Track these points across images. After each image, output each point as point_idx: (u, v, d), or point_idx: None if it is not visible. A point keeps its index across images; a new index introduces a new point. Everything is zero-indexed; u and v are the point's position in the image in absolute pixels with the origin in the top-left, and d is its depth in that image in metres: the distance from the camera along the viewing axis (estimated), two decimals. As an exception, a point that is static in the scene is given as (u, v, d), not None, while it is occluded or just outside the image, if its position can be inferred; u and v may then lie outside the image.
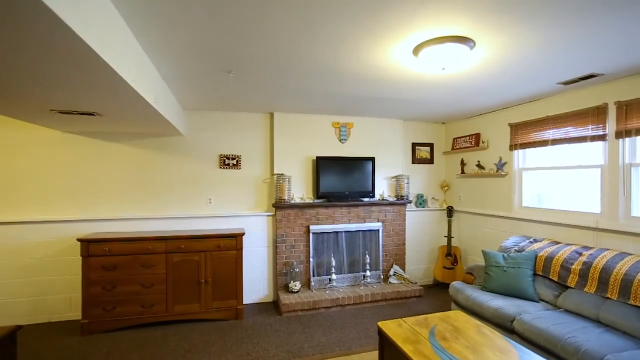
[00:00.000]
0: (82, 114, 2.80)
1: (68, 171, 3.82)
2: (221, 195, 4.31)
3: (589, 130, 3.22)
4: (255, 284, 4.40)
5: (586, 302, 2.79)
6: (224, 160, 4.31)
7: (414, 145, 5.10)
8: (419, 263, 5.11)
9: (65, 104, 2.49)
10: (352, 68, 2.69)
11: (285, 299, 4.02)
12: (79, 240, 3.40)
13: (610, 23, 1.94)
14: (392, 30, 1.99)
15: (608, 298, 2.68)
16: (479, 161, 4.58)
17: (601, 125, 3.12)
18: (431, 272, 5.16)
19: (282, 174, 4.31)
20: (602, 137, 3.11)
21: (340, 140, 4.64)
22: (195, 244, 3.72)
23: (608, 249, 2.96)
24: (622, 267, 2.66)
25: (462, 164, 4.86)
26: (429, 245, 5.16)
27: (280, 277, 4.36)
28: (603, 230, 3.13)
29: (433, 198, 5.21)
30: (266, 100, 3.75)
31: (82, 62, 1.62)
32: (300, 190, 4.50)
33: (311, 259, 4.42)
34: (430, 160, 5.19)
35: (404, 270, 4.80)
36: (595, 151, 3.24)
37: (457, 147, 4.92)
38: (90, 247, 3.43)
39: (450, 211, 4.93)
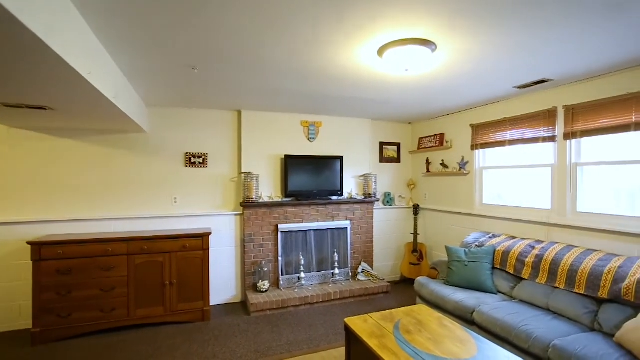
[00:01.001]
0: (31, 107, 2.62)
1: (16, 169, 3.56)
2: (187, 195, 4.19)
3: (541, 132, 3.43)
4: (223, 284, 4.32)
5: (538, 292, 2.97)
6: (190, 159, 4.19)
7: (381, 144, 5.21)
8: (386, 260, 5.23)
9: (10, 97, 2.32)
10: (318, 67, 2.71)
11: (254, 298, 3.98)
12: (29, 243, 3.18)
13: (558, 33, 2.08)
14: (356, 30, 2.02)
15: (556, 288, 2.88)
16: (443, 160, 4.75)
17: (551, 128, 3.33)
18: (398, 269, 5.30)
19: (250, 172, 4.26)
20: (552, 139, 3.33)
21: (309, 139, 4.65)
22: (160, 245, 3.59)
23: (557, 243, 3.17)
24: (569, 259, 2.86)
25: (428, 163, 5.02)
26: (396, 243, 5.29)
27: (249, 277, 4.31)
28: (553, 225, 3.35)
29: (400, 196, 5.35)
30: (233, 97, 3.69)
31: (24, 49, 1.51)
32: (268, 189, 4.47)
33: (280, 258, 4.41)
34: (397, 160, 5.32)
35: (372, 267, 4.90)
36: (546, 151, 3.46)
37: (423, 146, 5.08)
38: (42, 250, 3.22)
39: (416, 209, 5.08)
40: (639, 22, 1.95)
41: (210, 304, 4.12)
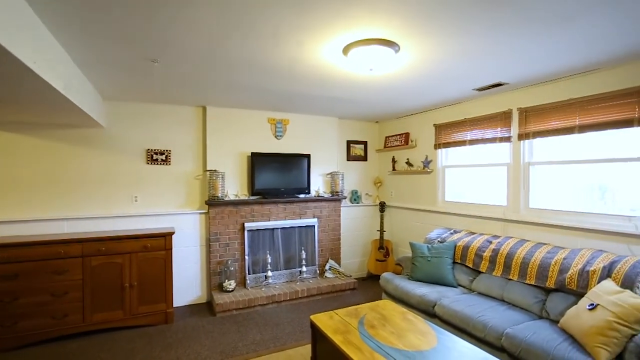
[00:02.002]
0: (-30, 99, 2.41)
1: (-45, 166, 3.26)
2: (149, 193, 4.03)
3: (498, 133, 3.61)
4: (188, 285, 4.20)
5: (494, 285, 3.14)
6: (152, 156, 4.03)
7: (348, 142, 5.27)
8: (353, 257, 5.31)
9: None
10: (284, 64, 2.69)
11: (219, 298, 3.90)
12: (-31, 246, 2.93)
13: (512, 40, 2.19)
14: (320, 28, 2.03)
15: (510, 279, 3.05)
16: (408, 159, 4.89)
17: (507, 129, 3.52)
18: (365, 265, 5.39)
19: (215, 170, 4.16)
20: (507, 139, 3.52)
21: (276, 137, 4.61)
22: (118, 246, 3.43)
23: (512, 237, 3.36)
24: (522, 252, 3.04)
25: (394, 161, 5.14)
26: (363, 240, 5.38)
27: (215, 277, 4.22)
28: (509, 221, 3.54)
29: (367, 194, 5.44)
30: (197, 93, 3.58)
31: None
32: (235, 187, 4.39)
33: (247, 257, 4.35)
34: (364, 158, 5.41)
35: (339, 264, 4.95)
36: (503, 151, 3.65)
37: (389, 145, 5.20)
38: (-16, 253, 2.97)
39: (382, 206, 5.19)
40: (584, 32, 2.10)
41: (174, 306, 4.01)
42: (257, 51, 2.39)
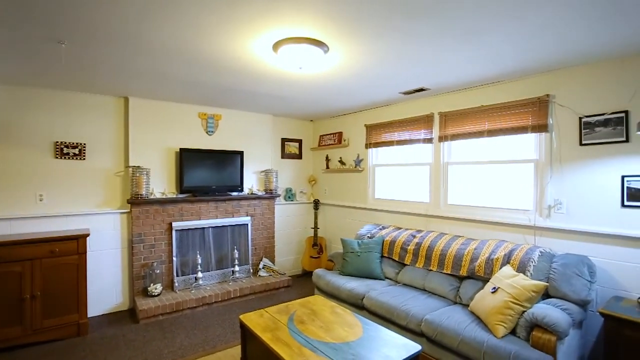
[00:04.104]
0: None
1: None
2: (58, 191, 3.59)
3: (421, 134, 3.89)
4: (106, 291, 3.83)
5: (417, 276, 3.38)
6: (62, 149, 3.60)
7: (283, 140, 5.26)
8: (288, 254, 5.32)
9: None
10: (214, 56, 2.59)
11: (143, 304, 3.64)
12: None
13: (432, 49, 2.38)
14: (249, 22, 1.99)
15: (431, 270, 3.32)
16: (341, 157, 5.03)
17: (430, 131, 3.81)
18: (300, 263, 5.44)
19: (139, 166, 3.86)
20: (430, 140, 3.81)
21: (207, 132, 4.43)
22: (16, 252, 3.00)
23: (433, 231, 3.65)
24: (440, 245, 3.32)
25: (327, 159, 5.26)
26: (297, 237, 5.42)
27: (138, 281, 3.92)
28: (430, 216, 3.84)
29: (301, 192, 5.49)
30: (117, 81, 3.28)
31: None
32: (161, 185, 4.11)
33: (174, 258, 4.11)
34: (299, 156, 5.44)
35: (273, 262, 4.92)
36: (426, 151, 3.94)
37: (323, 144, 5.30)
38: None
39: (316, 204, 5.28)
40: (489, 47, 2.35)
41: (89, 316, 3.65)
42: (185, 40, 2.26)
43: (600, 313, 2.24)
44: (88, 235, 3.35)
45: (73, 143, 3.66)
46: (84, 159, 3.72)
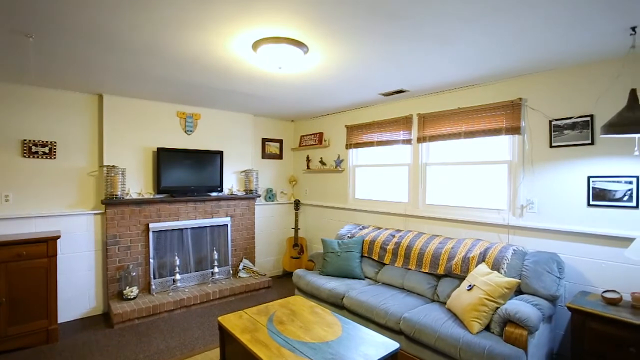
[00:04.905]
0: None
1: None
2: (26, 192, 3.43)
3: (400, 135, 3.96)
4: (79, 295, 3.69)
5: (396, 275, 3.43)
6: (30, 147, 3.44)
7: (264, 140, 5.23)
8: (268, 255, 5.29)
9: None
10: (191, 54, 2.54)
11: (118, 308, 3.53)
12: None
13: (410, 52, 2.42)
14: (227, 21, 1.97)
15: (410, 269, 3.37)
16: (321, 158, 5.04)
17: (409, 132, 3.88)
18: (280, 263, 5.41)
19: (114, 166, 3.74)
20: (409, 141, 3.88)
21: (186, 132, 4.34)
22: (-19, 255, 2.86)
23: (411, 231, 3.71)
24: (419, 244, 3.38)
25: (308, 160, 5.26)
26: (278, 238, 5.40)
27: (113, 284, 3.80)
28: (409, 216, 3.91)
29: (282, 192, 5.47)
30: (91, 78, 3.17)
31: None
32: (137, 185, 4.00)
33: (151, 260, 4.01)
34: (279, 156, 5.42)
35: (254, 263, 4.88)
36: (405, 152, 4.00)
37: (304, 144, 5.30)
38: None
39: (297, 204, 5.27)
40: (462, 53, 2.42)
41: (60, 322, 3.51)
42: (156, 36, 2.21)
43: (568, 307, 2.35)
44: (59, 237, 3.22)
45: (43, 141, 3.51)
46: (55, 158, 3.58)
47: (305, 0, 1.73)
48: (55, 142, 3.57)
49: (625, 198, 2.46)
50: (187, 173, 4.23)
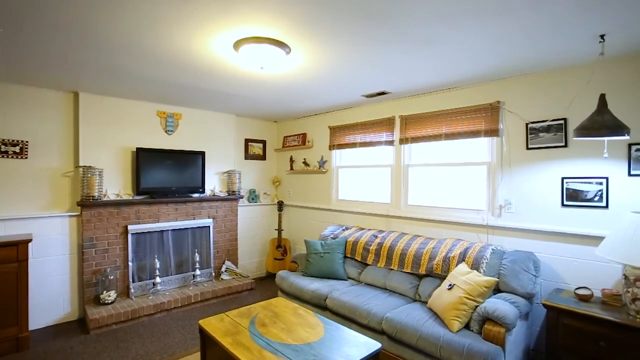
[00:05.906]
0: None
1: None
2: (-5, 193, 3.29)
3: (383, 137, 3.99)
4: (52, 301, 3.56)
5: (378, 275, 3.45)
6: (0, 147, 3.30)
7: (247, 141, 5.18)
8: (251, 257, 5.23)
9: None
10: (171, 52, 2.49)
11: (95, 313, 3.42)
12: None
13: (391, 54, 2.44)
14: (209, 19, 1.94)
15: (392, 269, 3.40)
16: (305, 159, 5.04)
17: (391, 133, 3.92)
18: (264, 265, 5.37)
19: (90, 166, 3.63)
20: (391, 143, 3.92)
21: (166, 132, 4.25)
22: (-55, 260, 2.71)
23: (394, 231, 3.75)
24: (401, 244, 3.42)
25: (291, 160, 5.25)
26: (261, 239, 5.35)
27: (89, 289, 3.67)
28: (392, 217, 3.95)
29: (265, 193, 5.43)
30: (65, 75, 3.06)
31: None
32: (116, 186, 3.89)
33: (130, 263, 3.90)
34: (262, 157, 5.38)
35: (236, 265, 4.82)
36: (388, 153, 4.04)
37: (287, 145, 5.28)
38: None
39: (280, 205, 5.24)
40: (443, 55, 2.46)
41: (31, 328, 3.38)
42: (134, 33, 2.15)
43: (543, 304, 2.42)
44: (30, 240, 3.10)
45: (13, 140, 3.37)
46: (26, 157, 3.44)
47: (287, 1, 1.73)
48: (27, 142, 3.43)
49: (596, 198, 2.56)
50: (167, 174, 4.14)
